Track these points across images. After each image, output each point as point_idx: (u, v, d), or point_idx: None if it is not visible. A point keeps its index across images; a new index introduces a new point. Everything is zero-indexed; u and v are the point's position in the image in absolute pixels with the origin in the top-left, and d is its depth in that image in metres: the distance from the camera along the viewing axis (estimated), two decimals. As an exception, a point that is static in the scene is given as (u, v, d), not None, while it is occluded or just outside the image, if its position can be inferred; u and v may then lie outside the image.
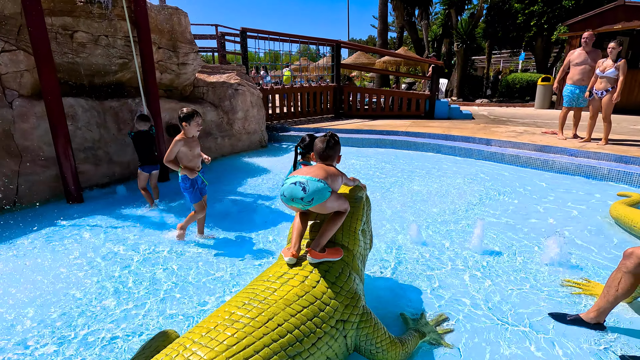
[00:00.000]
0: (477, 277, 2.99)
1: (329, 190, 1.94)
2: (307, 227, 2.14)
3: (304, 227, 2.09)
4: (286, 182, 1.94)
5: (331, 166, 2.15)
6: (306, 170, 2.04)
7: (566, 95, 6.86)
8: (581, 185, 5.36)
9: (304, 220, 2.13)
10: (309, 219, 2.18)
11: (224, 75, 7.86)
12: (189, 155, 3.59)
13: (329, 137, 2.18)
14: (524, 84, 15.07)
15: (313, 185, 1.89)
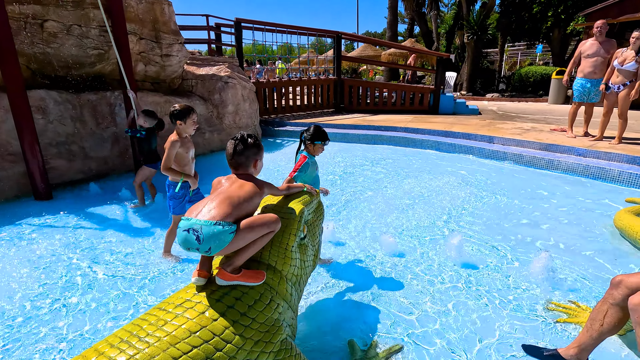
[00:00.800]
0: (449, 297, 2.64)
1: (232, 231, 1.57)
2: None
3: None
4: (180, 227, 1.58)
5: (247, 179, 1.79)
6: (207, 206, 1.62)
7: (576, 90, 6.33)
8: (587, 189, 4.89)
9: None
10: None
11: (214, 68, 7.59)
12: (185, 158, 3.13)
13: (239, 138, 1.82)
14: (538, 78, 14.31)
15: (208, 232, 1.53)
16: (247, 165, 1.84)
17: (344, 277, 2.90)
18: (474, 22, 14.74)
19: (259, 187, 1.78)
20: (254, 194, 1.73)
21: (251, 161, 1.84)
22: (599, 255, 3.18)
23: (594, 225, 3.78)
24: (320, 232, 2.30)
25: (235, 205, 1.64)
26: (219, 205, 1.61)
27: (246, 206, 1.69)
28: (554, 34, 15.13)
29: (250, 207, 1.71)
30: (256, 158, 1.86)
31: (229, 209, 1.61)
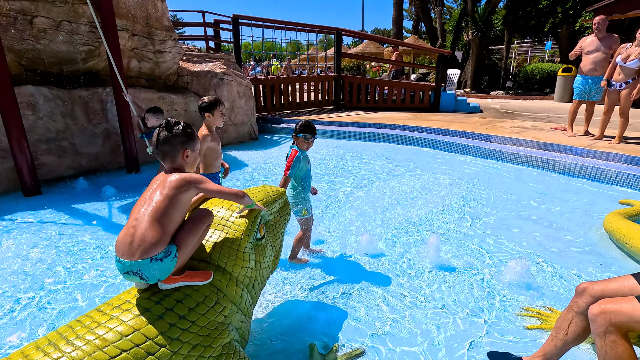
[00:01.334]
0: (421, 300, 2.57)
1: (173, 257, 1.48)
2: None
3: None
4: (118, 269, 1.49)
5: (174, 173, 1.61)
6: (134, 236, 1.44)
7: (577, 87, 6.16)
8: (583, 190, 4.75)
9: None
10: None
11: (210, 64, 7.56)
12: (217, 151, 3.13)
13: (164, 125, 1.65)
14: (544, 75, 14.02)
15: (148, 271, 1.45)
16: (174, 156, 1.66)
17: (317, 276, 2.85)
18: (478, 18, 14.48)
19: (186, 183, 1.58)
20: (178, 192, 1.55)
21: (178, 151, 1.66)
22: (584, 260, 3.08)
23: (584, 228, 3.67)
24: (282, 233, 2.24)
25: (163, 223, 1.48)
26: (146, 232, 1.44)
27: (174, 214, 1.53)
28: (561, 31, 14.80)
29: (178, 213, 1.55)
30: (185, 147, 1.66)
31: (157, 233, 1.45)
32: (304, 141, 2.80)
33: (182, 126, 1.68)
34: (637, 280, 1.62)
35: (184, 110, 6.96)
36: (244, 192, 1.81)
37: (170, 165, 1.68)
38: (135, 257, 1.43)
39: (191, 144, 1.70)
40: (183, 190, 1.58)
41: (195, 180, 1.62)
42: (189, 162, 1.72)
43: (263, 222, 2.03)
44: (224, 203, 1.98)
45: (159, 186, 1.59)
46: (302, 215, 2.91)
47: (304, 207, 2.89)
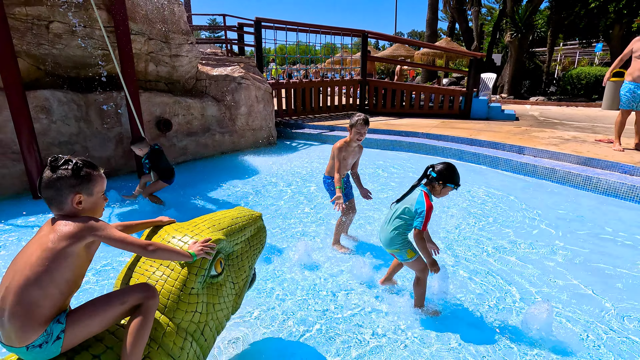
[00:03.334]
0: (416, 343, 2.19)
1: (55, 341, 1.19)
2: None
3: None
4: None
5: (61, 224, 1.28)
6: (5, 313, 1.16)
7: (624, 95, 5.45)
8: (632, 216, 4.11)
9: None
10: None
11: (228, 69, 7.47)
12: (346, 164, 3.25)
13: (49, 163, 1.33)
14: (592, 80, 12.86)
15: (29, 358, 1.19)
16: (60, 203, 1.32)
17: (301, 307, 2.54)
18: (518, 19, 13.55)
19: (78, 232, 1.26)
20: (67, 246, 1.24)
21: (66, 197, 1.32)
22: (627, 314, 2.55)
23: (632, 267, 3.10)
24: (251, 266, 1.96)
25: (37, 297, 1.16)
26: (15, 311, 1.15)
27: (57, 279, 1.21)
28: (613, 31, 13.55)
29: (66, 275, 1.24)
30: (75, 192, 1.33)
31: (28, 313, 1.15)
32: (451, 190, 2.33)
33: (73, 165, 1.33)
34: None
35: (200, 115, 6.90)
36: (156, 246, 1.44)
37: (58, 213, 1.35)
38: (9, 341, 1.16)
39: (85, 186, 1.35)
40: (74, 242, 1.26)
41: (92, 228, 1.29)
42: (85, 209, 1.37)
43: (222, 255, 1.75)
44: (180, 230, 1.73)
45: (39, 240, 1.27)
46: (410, 259, 2.37)
47: (409, 248, 2.38)
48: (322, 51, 10.97)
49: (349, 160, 3.20)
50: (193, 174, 5.99)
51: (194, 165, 6.54)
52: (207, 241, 1.62)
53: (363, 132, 3.06)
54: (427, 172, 2.35)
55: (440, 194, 2.34)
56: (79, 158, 1.38)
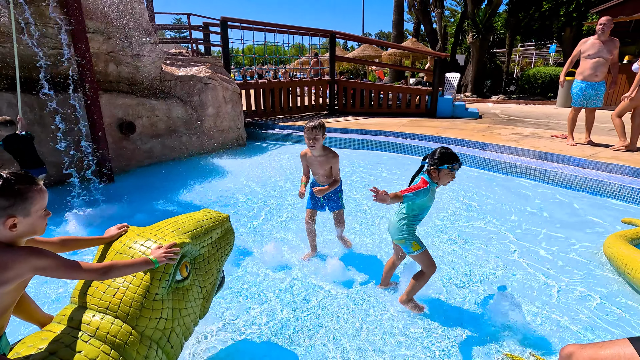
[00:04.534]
0: (387, 341, 2.22)
1: None
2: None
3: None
4: None
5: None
6: None
7: (575, 94, 5.80)
8: (582, 205, 4.39)
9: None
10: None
11: (194, 69, 7.29)
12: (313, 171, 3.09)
13: None
14: (547, 79, 13.61)
15: None
16: None
17: (271, 309, 2.52)
18: (479, 21, 14.12)
19: (6, 274, 1.12)
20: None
21: None
22: (580, 294, 2.72)
23: (582, 251, 3.31)
24: (219, 269, 1.92)
25: None
26: None
27: None
28: (565, 33, 14.40)
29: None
30: (5, 215, 1.16)
31: None
32: (449, 173, 2.29)
33: (2, 183, 1.15)
34: (634, 348, 1.27)
35: (166, 117, 6.69)
36: (111, 266, 1.35)
37: None
38: None
39: (20, 207, 1.18)
40: (7, 281, 1.14)
41: (32, 266, 1.16)
42: (21, 232, 1.21)
43: (187, 259, 1.70)
44: (142, 235, 1.67)
45: None
46: (415, 251, 2.35)
47: (414, 241, 2.36)
48: (291, 51, 10.95)
49: (314, 168, 2.96)
50: (159, 177, 5.80)
51: (160, 168, 6.34)
52: (171, 246, 1.57)
53: (312, 137, 2.73)
54: (422, 163, 2.41)
55: (440, 179, 2.31)
56: (10, 172, 1.19)
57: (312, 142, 2.76)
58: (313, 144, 2.76)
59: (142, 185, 5.33)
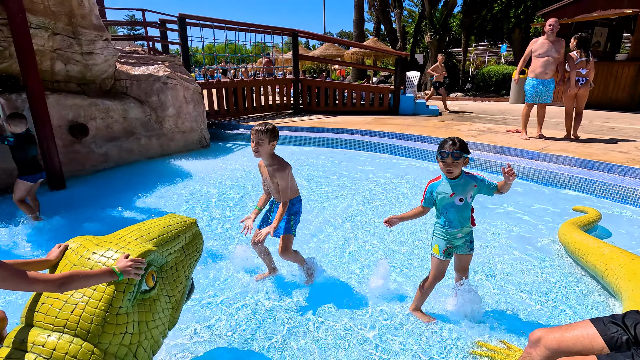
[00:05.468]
0: (356, 340, 2.23)
1: None
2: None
3: None
4: None
5: None
6: None
7: (528, 91, 6.15)
8: (538, 196, 4.66)
9: None
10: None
11: (152, 67, 6.96)
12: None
13: None
14: (500, 77, 14.37)
15: None
16: None
17: (242, 315, 2.45)
18: (436, 21, 14.63)
19: None
20: None
21: None
22: (539, 279, 2.87)
23: (539, 239, 3.50)
24: (188, 276, 1.83)
25: None
26: None
27: None
28: (515, 34, 15.25)
29: None
30: None
31: None
32: (440, 162, 2.17)
33: None
34: (596, 328, 1.35)
35: (122, 118, 6.33)
36: (69, 277, 1.27)
37: None
38: None
39: None
40: None
41: None
42: None
43: (153, 268, 1.60)
44: (102, 245, 1.54)
45: None
46: (432, 254, 2.32)
47: (435, 244, 2.31)
48: (253, 50, 10.77)
49: (264, 179, 2.62)
50: (117, 183, 5.47)
51: (117, 172, 5.99)
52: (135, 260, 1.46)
53: (255, 140, 2.38)
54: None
55: (444, 170, 2.17)
56: None
57: (255, 147, 2.40)
58: (256, 148, 2.40)
59: (97, 192, 5.01)
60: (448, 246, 2.29)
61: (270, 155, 2.48)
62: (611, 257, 2.55)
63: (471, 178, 2.21)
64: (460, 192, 2.18)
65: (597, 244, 2.78)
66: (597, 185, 4.56)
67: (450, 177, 2.18)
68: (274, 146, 2.45)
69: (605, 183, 4.51)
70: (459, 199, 2.19)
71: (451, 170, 2.13)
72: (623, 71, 9.94)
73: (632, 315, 1.33)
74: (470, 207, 2.26)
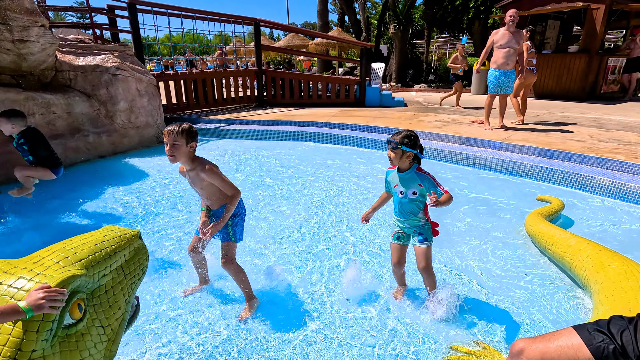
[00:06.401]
0: (320, 343, 2.07)
1: None
2: None
3: None
4: None
5: None
6: None
7: (491, 82, 6.23)
8: (502, 186, 4.70)
9: None
10: None
11: (99, 58, 6.38)
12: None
13: None
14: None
15: None
16: None
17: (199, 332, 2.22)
18: (399, 13, 14.66)
19: None
20: None
21: None
22: (507, 272, 2.84)
23: (506, 230, 3.50)
24: (129, 300, 1.57)
25: None
26: None
27: None
28: (474, 26, 15.61)
29: None
30: None
31: None
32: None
33: None
34: (580, 337, 1.25)
35: (66, 113, 5.77)
36: None
37: None
38: None
39: None
40: None
41: None
42: None
43: (82, 295, 1.34)
44: (12, 271, 1.26)
45: None
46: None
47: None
48: (215, 41, 10.26)
49: (193, 185, 2.31)
50: (62, 185, 4.95)
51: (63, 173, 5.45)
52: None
53: (170, 143, 2.06)
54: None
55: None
56: None
57: (170, 150, 2.07)
58: (172, 152, 2.07)
59: (35, 197, 4.51)
60: (396, 230, 2.37)
61: (191, 159, 2.17)
62: (578, 248, 2.54)
63: (419, 176, 2.18)
64: (404, 185, 2.22)
65: (564, 235, 2.78)
66: (558, 173, 4.67)
67: (392, 167, 2.27)
68: (194, 148, 2.16)
69: (565, 172, 4.63)
70: (400, 192, 2.24)
71: (390, 159, 2.18)
72: (575, 63, 10.39)
73: (616, 322, 1.25)
74: (417, 203, 2.24)
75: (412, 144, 2.13)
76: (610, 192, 4.23)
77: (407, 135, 2.15)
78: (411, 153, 2.14)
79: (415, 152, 2.16)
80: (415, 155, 2.18)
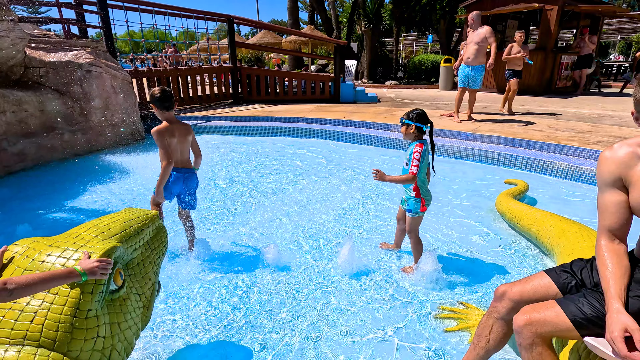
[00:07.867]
0: (323, 311, 2.28)
1: None
2: None
3: None
4: None
5: None
6: None
7: (460, 76, 6.64)
8: (473, 173, 5.08)
9: None
10: None
11: (70, 54, 6.22)
12: (174, 147, 2.92)
13: None
14: (430, 66, 15.30)
15: None
16: None
17: (211, 307, 2.37)
18: (369, 11, 15.05)
19: None
20: None
21: None
22: (483, 244, 3.17)
23: (480, 210, 3.85)
24: (157, 272, 1.71)
25: None
26: None
27: None
28: (440, 25, 16.28)
29: None
30: None
31: None
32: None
33: None
34: (550, 277, 1.54)
35: (39, 111, 5.61)
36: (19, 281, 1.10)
37: None
38: None
39: None
40: None
41: None
42: None
43: (120, 265, 1.47)
44: (58, 244, 1.38)
45: None
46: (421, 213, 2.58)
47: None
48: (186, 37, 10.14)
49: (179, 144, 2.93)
50: (40, 184, 4.87)
51: (39, 173, 5.33)
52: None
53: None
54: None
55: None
56: None
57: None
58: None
59: (9, 195, 4.40)
60: (403, 195, 2.68)
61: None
62: (543, 220, 2.89)
63: (411, 147, 2.48)
64: (406, 156, 2.53)
65: (530, 210, 3.14)
66: (522, 160, 5.12)
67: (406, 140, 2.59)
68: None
69: (528, 158, 5.08)
70: (405, 162, 2.53)
71: (403, 134, 2.53)
72: (532, 60, 11.14)
73: (577, 263, 1.54)
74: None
75: (413, 119, 2.43)
76: (567, 174, 4.71)
77: (411, 111, 2.49)
78: (413, 126, 2.42)
79: (414, 124, 2.42)
80: (419, 130, 2.43)
